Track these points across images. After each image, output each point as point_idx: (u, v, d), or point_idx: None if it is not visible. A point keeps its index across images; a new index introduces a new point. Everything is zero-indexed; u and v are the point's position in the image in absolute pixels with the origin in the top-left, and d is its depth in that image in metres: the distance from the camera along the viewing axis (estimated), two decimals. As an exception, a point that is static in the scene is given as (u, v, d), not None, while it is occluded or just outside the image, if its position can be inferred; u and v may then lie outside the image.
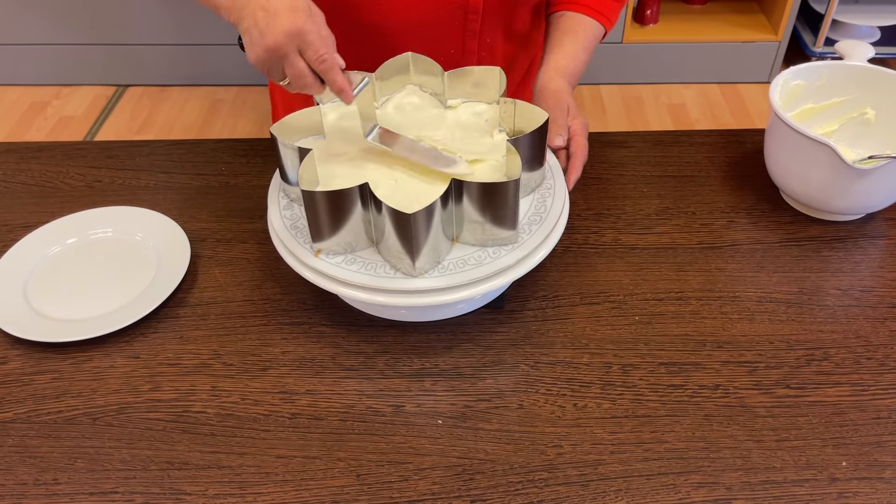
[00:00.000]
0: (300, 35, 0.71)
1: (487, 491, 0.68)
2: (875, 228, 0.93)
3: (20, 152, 1.08)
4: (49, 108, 2.42)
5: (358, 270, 0.73)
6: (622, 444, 0.71)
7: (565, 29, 0.98)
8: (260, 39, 0.70)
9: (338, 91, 0.73)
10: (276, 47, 0.70)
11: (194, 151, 1.07)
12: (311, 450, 0.71)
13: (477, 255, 0.74)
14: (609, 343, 0.80)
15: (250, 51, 0.72)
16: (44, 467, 0.71)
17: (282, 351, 0.80)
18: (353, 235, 0.73)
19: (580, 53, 0.96)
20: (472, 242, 0.75)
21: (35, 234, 0.92)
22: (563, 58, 0.95)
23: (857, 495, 0.67)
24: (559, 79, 0.92)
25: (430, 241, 0.70)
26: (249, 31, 0.71)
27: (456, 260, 0.74)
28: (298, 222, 0.78)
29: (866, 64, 0.96)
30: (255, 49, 0.71)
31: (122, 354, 0.80)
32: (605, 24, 1.00)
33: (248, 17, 0.71)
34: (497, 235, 0.74)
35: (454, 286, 0.72)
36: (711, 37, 2.41)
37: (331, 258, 0.74)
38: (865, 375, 0.77)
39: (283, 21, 0.70)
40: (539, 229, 0.76)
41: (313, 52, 0.71)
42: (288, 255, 0.77)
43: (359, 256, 0.74)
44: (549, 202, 0.79)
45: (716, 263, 0.89)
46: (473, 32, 0.95)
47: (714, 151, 1.05)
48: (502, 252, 0.74)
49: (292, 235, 0.77)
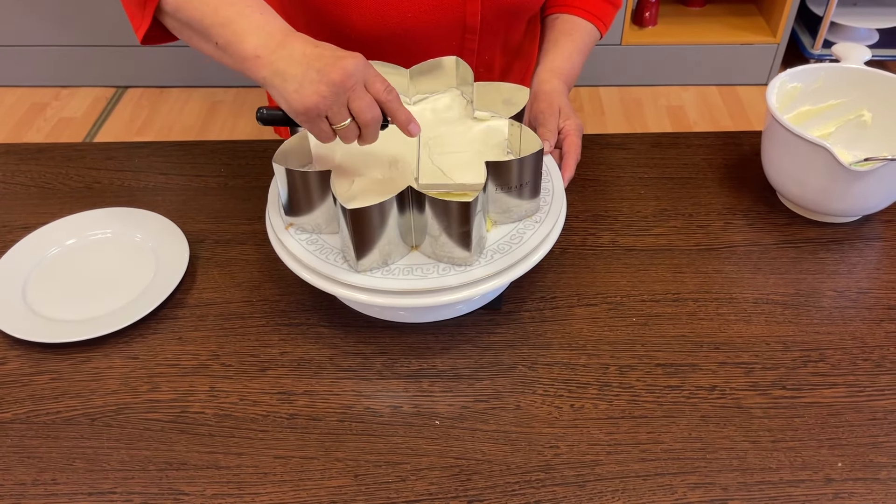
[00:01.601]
0: (367, 68, 0.68)
1: (485, 491, 0.68)
2: (871, 230, 0.94)
3: (19, 153, 1.08)
4: (49, 109, 2.42)
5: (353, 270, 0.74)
6: (619, 445, 0.72)
7: (561, 31, 0.98)
8: (321, 77, 0.65)
9: (405, 122, 0.70)
10: (345, 78, 0.65)
11: (193, 153, 1.07)
12: (309, 450, 0.72)
13: (474, 257, 0.74)
14: (606, 344, 0.80)
15: (307, 93, 0.66)
16: (42, 467, 0.71)
17: (280, 352, 0.80)
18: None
19: (575, 55, 0.97)
20: (429, 255, 0.76)
21: (34, 235, 0.93)
22: (559, 59, 0.95)
23: (853, 496, 0.67)
24: (554, 80, 0.93)
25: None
26: (302, 75, 0.66)
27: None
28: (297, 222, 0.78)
29: (863, 66, 0.96)
30: (318, 87, 0.65)
31: (120, 355, 0.81)
32: (600, 28, 1.00)
33: (296, 63, 0.66)
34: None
35: (452, 287, 0.73)
36: (710, 39, 2.41)
37: (330, 258, 0.74)
38: (861, 377, 0.77)
39: (343, 56, 0.66)
40: (537, 231, 0.76)
41: (381, 83, 0.68)
42: (286, 255, 0.77)
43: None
44: (548, 203, 0.79)
45: (713, 265, 0.89)
46: (471, 50, 0.96)
47: (711, 153, 1.05)
48: (500, 253, 0.74)
49: (291, 235, 0.77)
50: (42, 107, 2.43)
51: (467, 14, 0.91)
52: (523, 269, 0.75)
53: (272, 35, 0.69)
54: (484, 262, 0.74)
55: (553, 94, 0.91)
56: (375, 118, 0.68)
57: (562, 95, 0.91)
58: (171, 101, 2.46)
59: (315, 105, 0.66)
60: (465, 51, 0.95)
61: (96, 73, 2.49)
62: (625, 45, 2.40)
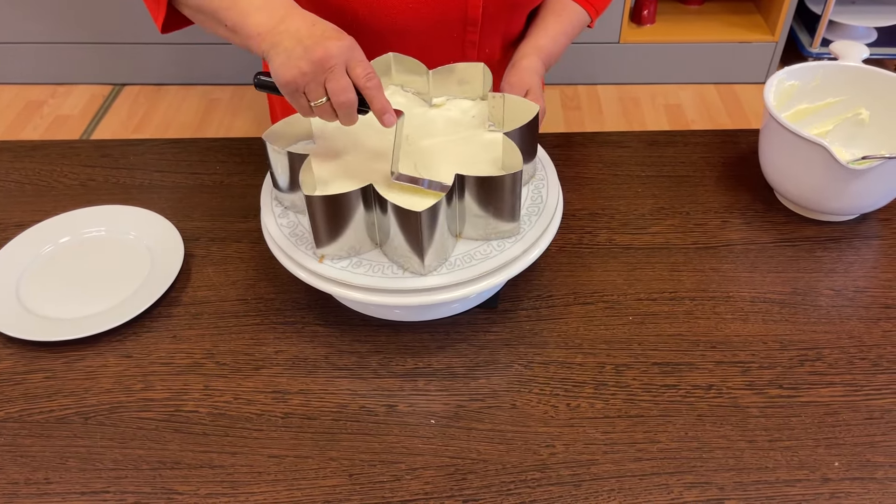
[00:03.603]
0: (352, 50, 0.69)
1: (480, 491, 0.68)
2: (869, 229, 0.93)
3: (14, 151, 1.07)
4: (45, 106, 2.41)
5: (352, 270, 0.73)
6: (615, 444, 0.71)
7: (550, 10, 0.99)
8: (304, 53, 0.68)
9: (381, 111, 0.71)
10: (325, 58, 0.68)
11: (189, 150, 1.07)
12: (304, 449, 0.71)
13: (471, 254, 0.74)
14: (602, 343, 0.80)
15: (291, 67, 0.68)
16: (35, 466, 0.71)
17: (275, 350, 0.80)
18: (356, 239, 0.73)
19: (560, 37, 0.97)
20: (475, 237, 0.75)
21: (28, 232, 0.92)
22: (543, 37, 0.96)
23: (850, 496, 0.67)
24: (534, 56, 0.93)
25: (436, 239, 0.70)
26: (291, 49, 0.68)
27: (451, 259, 0.74)
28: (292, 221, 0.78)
29: (861, 64, 0.96)
30: (300, 63, 0.68)
31: (114, 354, 0.80)
32: (591, 12, 1.00)
33: (290, 39, 0.69)
34: (499, 228, 0.74)
35: (448, 285, 0.72)
36: (708, 37, 2.41)
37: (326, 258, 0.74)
38: (858, 376, 0.77)
39: (332, 36, 0.69)
40: (533, 228, 0.76)
41: (363, 69, 0.69)
42: (281, 254, 0.77)
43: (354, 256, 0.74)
44: (544, 199, 0.79)
45: (710, 263, 0.89)
46: (472, 43, 0.96)
47: (709, 151, 1.05)
48: (496, 251, 0.74)
49: (285, 235, 0.77)
50: (38, 104, 2.42)
51: (469, 6, 0.90)
52: (519, 267, 0.75)
53: (274, 12, 0.72)
54: (480, 260, 0.73)
55: (527, 70, 0.91)
56: (349, 101, 0.70)
57: (535, 74, 0.91)
58: (168, 99, 2.45)
59: (294, 79, 0.69)
60: (467, 43, 0.95)
61: (93, 70, 2.48)
62: (623, 43, 2.39)
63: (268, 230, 0.78)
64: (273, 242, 0.77)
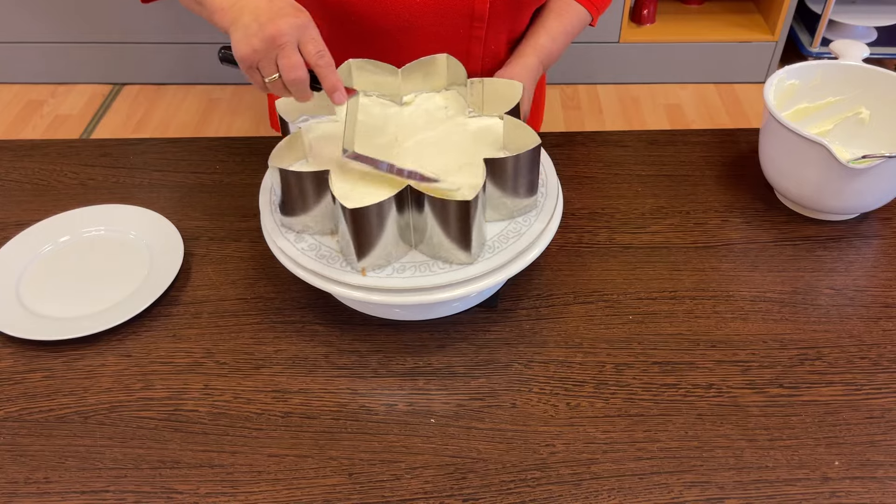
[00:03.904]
0: (304, 28, 0.71)
1: (480, 490, 0.68)
2: (869, 228, 0.93)
3: (14, 150, 1.07)
4: (45, 106, 2.41)
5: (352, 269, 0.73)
6: (615, 444, 0.71)
7: (552, 9, 0.99)
8: (259, 30, 0.69)
9: (331, 89, 0.72)
10: (276, 35, 0.69)
11: (188, 150, 1.07)
12: (304, 448, 0.71)
13: (470, 254, 0.74)
14: (602, 342, 0.80)
15: (245, 43, 0.70)
16: (35, 466, 0.71)
17: (275, 349, 0.80)
18: (392, 245, 0.73)
19: (560, 36, 0.97)
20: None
21: (28, 232, 0.92)
22: (543, 36, 0.96)
23: (850, 495, 0.67)
24: (532, 56, 0.94)
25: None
26: (248, 25, 0.70)
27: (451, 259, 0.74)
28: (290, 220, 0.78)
29: (861, 63, 0.96)
30: (252, 40, 0.70)
31: (114, 353, 0.80)
32: (592, 12, 1.00)
33: (248, 14, 0.70)
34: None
35: (447, 284, 0.72)
36: (708, 37, 2.41)
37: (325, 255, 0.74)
38: (858, 375, 0.77)
39: (287, 13, 0.70)
40: (532, 228, 0.76)
41: (314, 46, 0.71)
42: (280, 254, 0.77)
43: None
44: (542, 200, 0.79)
45: (710, 263, 0.89)
46: (478, 39, 0.95)
47: (709, 151, 1.05)
48: (496, 250, 0.74)
49: (284, 235, 0.76)
50: (38, 104, 2.42)
51: (476, 1, 0.90)
52: (519, 266, 0.75)
53: None
54: (480, 260, 0.73)
55: (521, 67, 0.92)
56: (299, 78, 0.71)
57: (529, 73, 0.92)
58: (168, 99, 2.45)
59: (248, 56, 0.71)
60: (473, 39, 0.95)
61: (93, 70, 2.48)
62: (623, 42, 2.39)
63: (267, 231, 0.78)
64: (273, 242, 0.77)
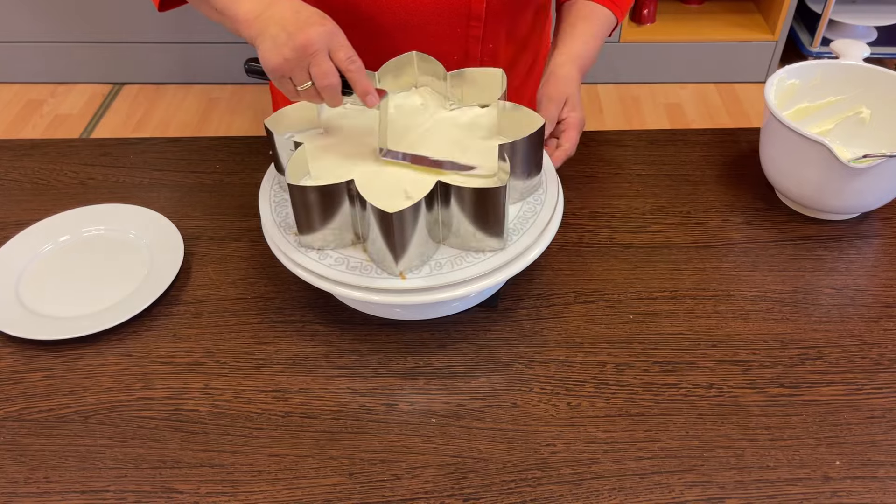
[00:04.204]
0: (334, 35, 0.72)
1: (481, 490, 0.68)
2: (869, 228, 0.93)
3: (14, 149, 1.07)
4: (45, 105, 2.41)
5: (352, 269, 0.73)
6: (616, 443, 0.71)
7: (578, 15, 0.97)
8: (289, 40, 0.70)
9: (363, 93, 0.73)
10: (307, 44, 0.70)
11: (188, 149, 1.07)
12: (304, 448, 0.71)
13: (472, 254, 0.74)
14: (603, 342, 0.80)
15: (276, 54, 0.71)
16: (35, 465, 0.70)
17: (275, 349, 0.80)
18: (339, 232, 0.73)
19: (591, 41, 0.95)
20: (458, 247, 0.74)
21: (28, 231, 0.92)
22: (577, 44, 0.94)
23: (851, 494, 0.67)
24: (570, 65, 0.91)
25: (414, 242, 0.70)
26: (276, 35, 0.71)
27: (450, 258, 0.74)
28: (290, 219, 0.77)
29: (861, 63, 0.95)
30: (283, 49, 0.70)
31: (114, 352, 0.80)
32: (618, 14, 0.99)
33: (276, 25, 0.71)
34: (484, 243, 0.73)
35: (448, 284, 0.72)
36: (708, 36, 2.41)
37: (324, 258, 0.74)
38: (859, 374, 0.77)
39: (315, 22, 0.71)
40: (532, 227, 0.76)
41: (344, 53, 0.72)
42: (281, 254, 0.76)
43: (353, 255, 0.74)
44: (543, 200, 0.79)
45: (710, 262, 0.89)
46: (476, 38, 0.95)
47: (709, 150, 1.05)
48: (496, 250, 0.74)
49: (284, 235, 0.76)
50: (38, 103, 2.42)
51: (472, 1, 0.90)
52: (520, 266, 0.75)
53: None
54: (480, 259, 0.73)
55: (564, 80, 0.90)
56: (332, 85, 0.72)
57: (573, 84, 0.90)
58: (168, 98, 2.45)
59: (279, 66, 0.72)
60: (470, 38, 0.95)
61: (93, 69, 2.48)
62: (623, 42, 2.39)
63: (267, 230, 0.78)
64: (273, 243, 0.77)
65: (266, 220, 0.78)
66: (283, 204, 0.79)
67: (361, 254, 0.74)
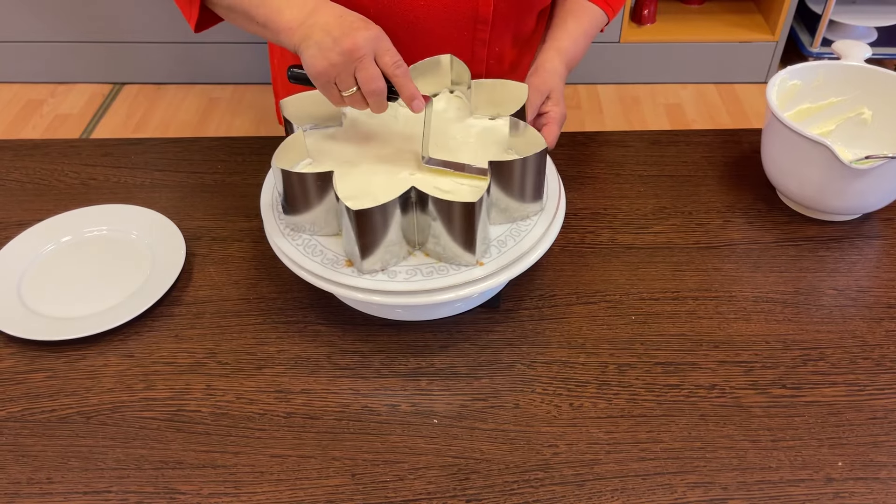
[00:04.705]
0: (379, 40, 0.72)
1: (483, 490, 0.68)
2: (871, 228, 0.93)
3: (15, 150, 1.07)
4: (45, 105, 2.41)
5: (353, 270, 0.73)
6: (618, 444, 0.71)
7: (569, 10, 0.98)
8: (334, 45, 0.70)
9: (410, 98, 0.73)
10: (354, 49, 0.70)
11: (190, 149, 1.07)
12: (306, 449, 0.71)
13: (473, 254, 0.74)
14: (605, 343, 0.80)
15: (322, 59, 0.71)
16: (37, 466, 0.70)
17: (277, 350, 0.80)
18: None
19: (581, 38, 0.96)
20: (434, 256, 0.75)
21: (29, 231, 0.92)
22: (565, 39, 0.95)
23: (853, 495, 0.67)
24: (556, 60, 0.92)
25: (384, 243, 0.71)
26: (321, 41, 0.71)
27: (452, 259, 0.74)
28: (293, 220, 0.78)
29: (863, 64, 0.96)
30: (329, 55, 0.71)
31: (116, 353, 0.80)
32: (608, 13, 0.99)
33: (320, 31, 0.72)
34: (460, 258, 0.73)
35: (450, 286, 0.72)
36: (709, 37, 2.41)
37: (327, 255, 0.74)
38: (861, 375, 0.77)
39: (360, 27, 0.71)
40: (535, 228, 0.76)
41: (390, 57, 0.72)
42: (283, 255, 0.76)
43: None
44: (546, 199, 0.79)
45: (712, 263, 0.89)
46: (483, 41, 0.95)
47: (711, 151, 1.05)
48: (500, 251, 0.74)
49: (286, 237, 0.76)
50: (38, 103, 2.42)
51: (480, 4, 0.90)
52: (522, 267, 0.75)
53: (304, 6, 0.75)
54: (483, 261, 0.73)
55: (549, 73, 0.91)
56: (378, 89, 0.72)
57: (558, 78, 0.91)
58: (169, 98, 2.45)
59: (325, 71, 0.72)
60: (477, 41, 0.95)
61: (93, 69, 2.48)
62: (623, 42, 2.39)
63: (269, 231, 0.78)
64: (275, 244, 0.77)
65: (268, 220, 0.78)
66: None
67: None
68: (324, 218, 0.75)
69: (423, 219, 0.72)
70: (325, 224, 0.75)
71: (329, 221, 0.75)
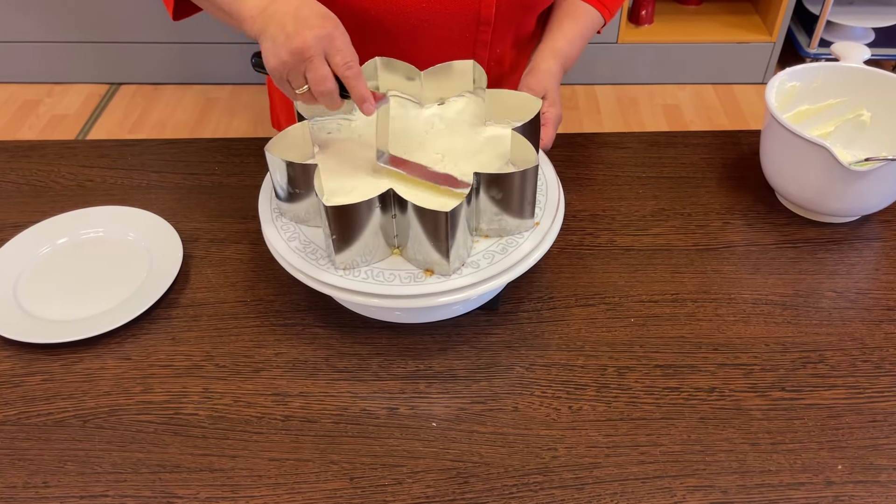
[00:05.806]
0: (330, 39, 0.70)
1: (482, 494, 0.67)
2: (870, 230, 0.93)
3: (11, 151, 1.07)
4: (41, 106, 2.40)
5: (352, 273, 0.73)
6: (617, 447, 0.71)
7: (566, 12, 0.98)
8: (286, 42, 0.69)
9: (360, 100, 0.72)
10: (303, 48, 0.69)
11: (187, 151, 1.06)
12: (304, 452, 0.71)
13: (473, 257, 0.74)
14: (604, 345, 0.80)
15: (273, 55, 0.70)
16: (33, 470, 0.70)
17: (275, 352, 0.79)
18: (372, 245, 0.72)
19: (577, 39, 0.96)
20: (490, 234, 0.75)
21: (25, 233, 0.91)
22: (561, 40, 0.95)
23: (853, 499, 0.67)
24: (552, 60, 0.92)
25: (458, 238, 0.70)
26: (275, 36, 0.70)
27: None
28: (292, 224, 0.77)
29: (862, 66, 0.95)
30: (280, 52, 0.70)
31: (113, 356, 0.80)
32: (605, 14, 1.00)
33: (275, 24, 0.70)
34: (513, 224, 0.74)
35: (449, 289, 0.72)
36: (706, 37, 2.41)
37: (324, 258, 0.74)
38: (861, 378, 0.77)
39: (313, 25, 0.70)
40: (534, 231, 0.76)
41: (341, 57, 0.71)
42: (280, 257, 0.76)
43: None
44: (545, 201, 0.79)
45: (711, 265, 0.88)
46: (484, 43, 0.95)
47: (710, 153, 1.05)
48: (497, 253, 0.74)
49: (284, 240, 0.76)
50: (34, 104, 2.41)
51: (482, 5, 0.90)
52: (521, 269, 0.74)
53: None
54: (482, 264, 0.73)
55: (546, 74, 0.91)
56: (327, 90, 0.71)
57: (554, 78, 0.91)
58: (165, 99, 2.44)
59: (276, 68, 0.71)
60: (479, 43, 0.95)
61: (89, 69, 2.47)
62: (621, 43, 2.39)
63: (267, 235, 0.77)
64: (272, 246, 0.77)
65: (265, 222, 0.78)
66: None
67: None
68: (304, 209, 0.75)
69: (402, 221, 0.72)
70: (306, 216, 0.76)
71: (310, 213, 0.76)
